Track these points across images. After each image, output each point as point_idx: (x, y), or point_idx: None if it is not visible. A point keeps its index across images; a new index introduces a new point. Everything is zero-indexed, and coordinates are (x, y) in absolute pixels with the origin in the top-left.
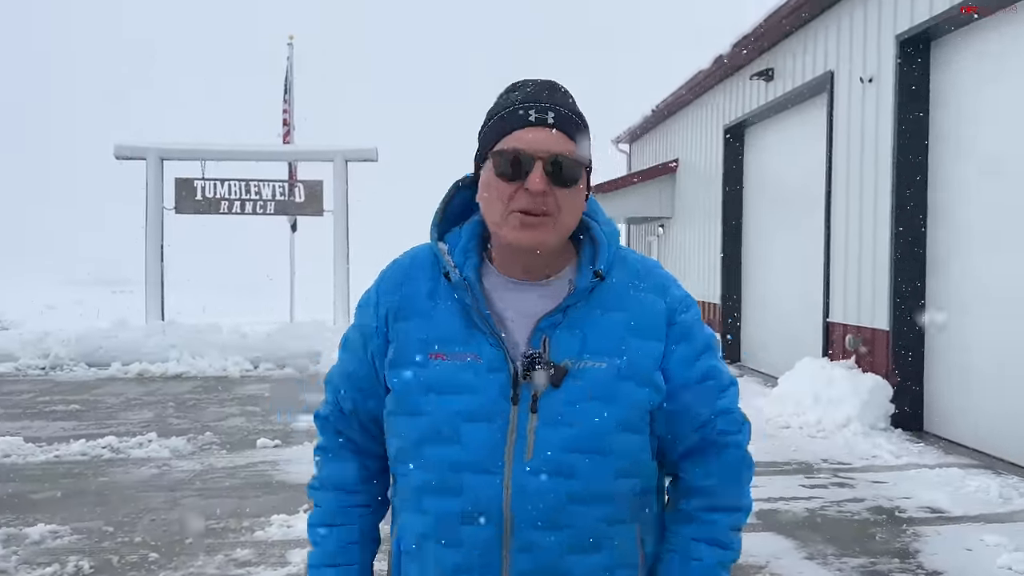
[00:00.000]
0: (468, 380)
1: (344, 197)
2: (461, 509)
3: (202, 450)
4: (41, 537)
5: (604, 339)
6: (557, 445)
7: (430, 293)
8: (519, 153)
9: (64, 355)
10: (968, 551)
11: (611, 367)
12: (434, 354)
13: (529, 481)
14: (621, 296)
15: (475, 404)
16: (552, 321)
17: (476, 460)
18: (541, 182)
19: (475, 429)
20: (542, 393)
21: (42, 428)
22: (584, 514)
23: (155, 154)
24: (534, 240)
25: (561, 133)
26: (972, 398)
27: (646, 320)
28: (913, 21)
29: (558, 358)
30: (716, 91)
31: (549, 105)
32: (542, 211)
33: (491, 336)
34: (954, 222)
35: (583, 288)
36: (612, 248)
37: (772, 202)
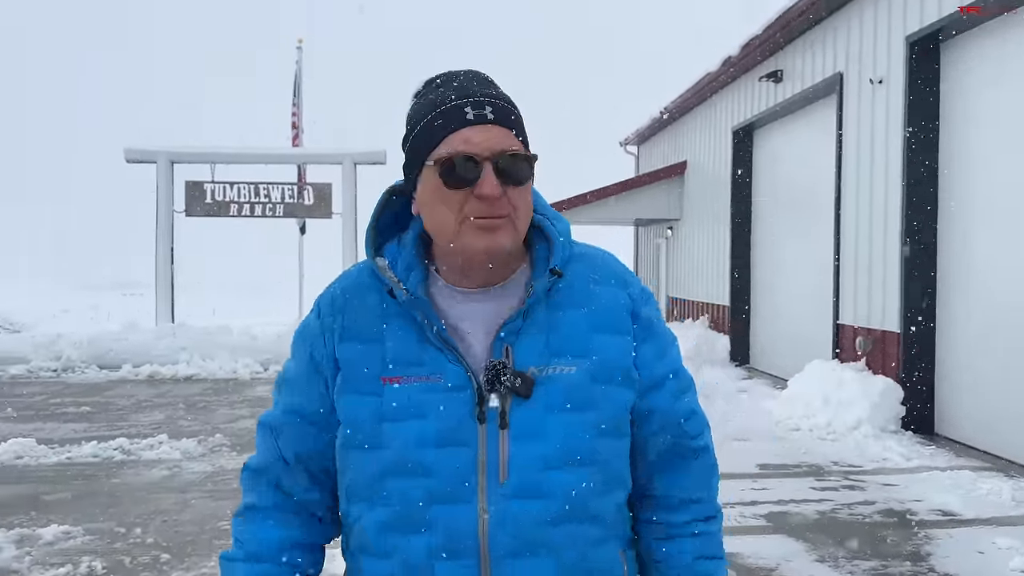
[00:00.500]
0: (429, 402)
1: (353, 200)
2: (431, 546)
3: (212, 452)
4: (54, 538)
5: (569, 340)
6: (531, 461)
7: (376, 314)
8: (465, 157)
9: (76, 357)
10: (980, 554)
11: (581, 370)
12: (388, 378)
13: (506, 506)
14: (581, 292)
15: (440, 428)
16: (512, 327)
17: (447, 490)
18: (494, 185)
19: (443, 456)
20: (511, 406)
21: (54, 430)
22: (568, 537)
23: (165, 157)
24: (495, 244)
25: (503, 128)
26: (983, 400)
27: (610, 315)
28: (923, 22)
29: (523, 366)
30: (725, 92)
31: (484, 99)
32: (499, 214)
33: (449, 352)
34: (965, 223)
35: (542, 288)
36: (566, 244)
37: (781, 203)
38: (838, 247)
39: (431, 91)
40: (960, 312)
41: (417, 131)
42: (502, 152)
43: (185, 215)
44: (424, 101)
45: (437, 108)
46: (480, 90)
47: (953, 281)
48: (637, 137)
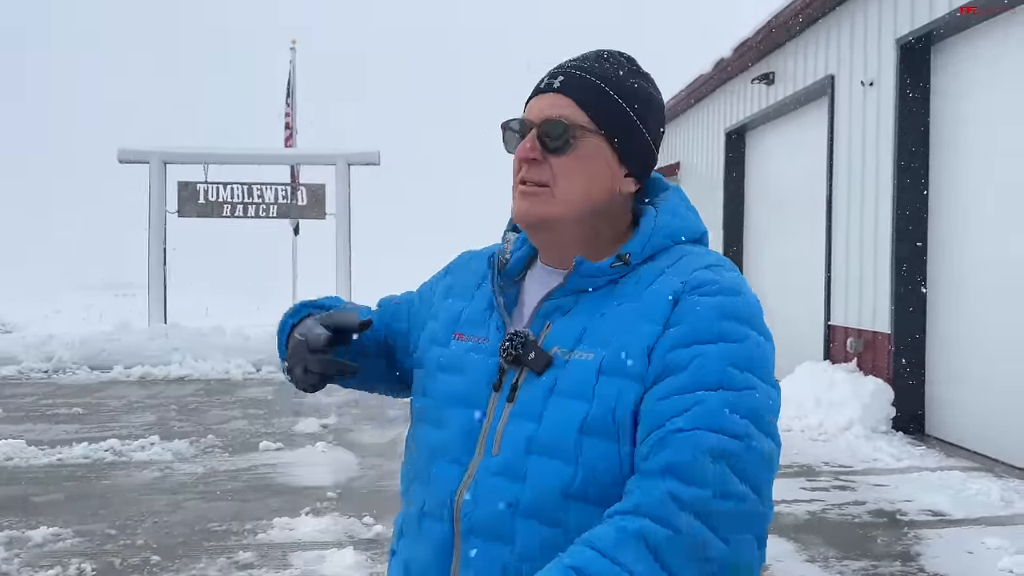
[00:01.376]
0: (469, 361)
1: (346, 200)
2: (425, 499)
3: (204, 453)
4: (44, 540)
5: (607, 329)
6: (518, 441)
7: (478, 278)
8: (513, 122)
9: (67, 358)
10: (970, 554)
11: (597, 358)
12: (456, 334)
13: (487, 482)
14: (646, 284)
15: (466, 387)
16: (559, 304)
17: (451, 448)
18: (527, 149)
19: (459, 414)
20: (523, 381)
21: (45, 431)
22: (528, 533)
23: (158, 158)
24: (526, 211)
25: (562, 96)
26: (973, 401)
27: (649, 305)
28: (913, 25)
29: (550, 346)
30: (717, 94)
31: (567, 69)
32: (534, 180)
33: (500, 319)
34: (955, 225)
35: (590, 270)
36: (659, 236)
37: (773, 205)
38: (829, 248)
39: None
40: (951, 314)
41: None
42: (545, 119)
43: (178, 215)
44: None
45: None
46: (574, 62)
47: (944, 283)
48: None
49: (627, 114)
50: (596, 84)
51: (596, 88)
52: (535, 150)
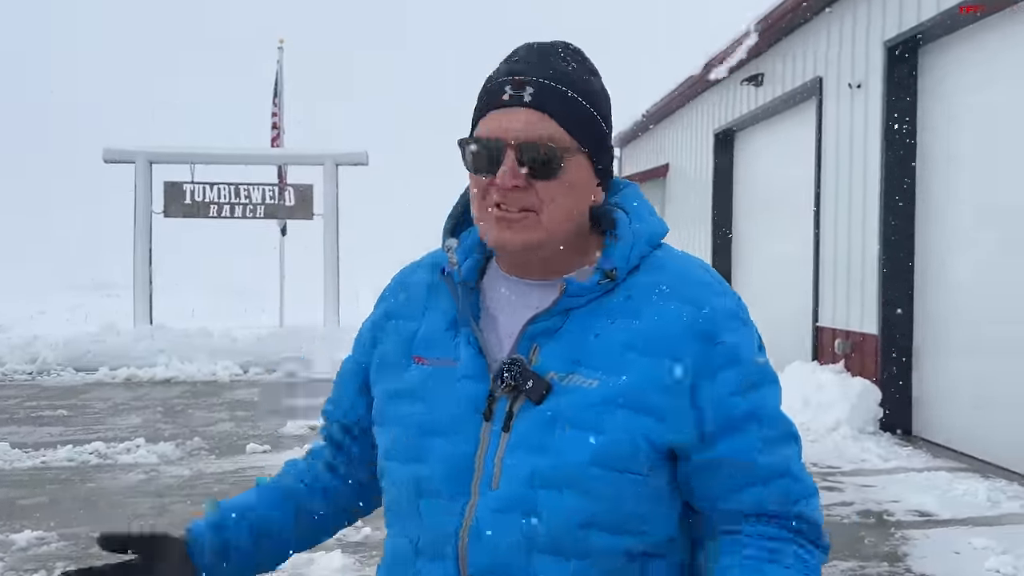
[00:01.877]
0: (438, 388)
1: (334, 201)
2: (418, 540)
3: (191, 455)
4: (28, 543)
5: (603, 352)
6: (524, 476)
7: (425, 293)
8: (484, 141)
9: (52, 360)
10: (956, 554)
11: (604, 386)
12: (417, 357)
13: (491, 519)
14: (640, 303)
15: (443, 416)
16: (547, 326)
17: (439, 483)
18: (511, 176)
19: (439, 445)
20: (519, 409)
21: (29, 434)
22: (547, 569)
23: (144, 158)
24: (514, 239)
25: (540, 112)
26: (959, 402)
27: (660, 334)
28: (901, 27)
29: (545, 370)
30: (706, 96)
31: (530, 78)
32: (521, 208)
33: (476, 342)
34: (942, 227)
35: (580, 288)
36: (639, 246)
37: (762, 206)
38: (817, 250)
39: (500, 64)
40: (937, 315)
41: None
42: (527, 141)
43: (164, 216)
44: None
45: (486, 84)
46: (534, 68)
47: (930, 284)
48: (620, 139)
49: (598, 123)
50: (569, 96)
51: (571, 101)
52: (519, 176)
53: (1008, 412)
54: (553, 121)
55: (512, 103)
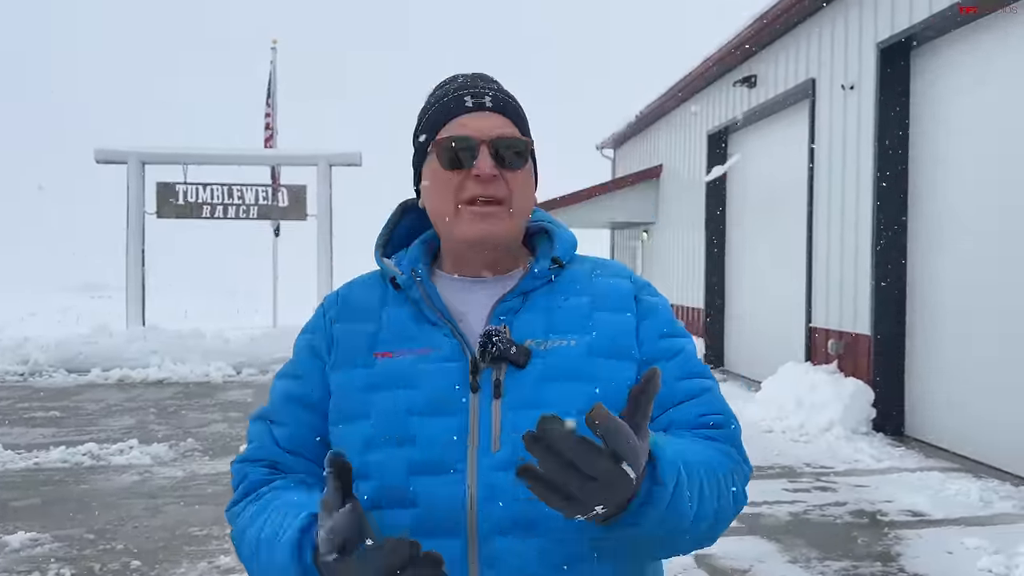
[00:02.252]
0: (420, 372)
1: (328, 201)
2: (415, 521)
3: (184, 457)
4: (21, 545)
5: (570, 318)
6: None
7: (378, 302)
8: (462, 139)
9: (43, 361)
10: (949, 554)
11: (581, 343)
12: (380, 353)
13: (498, 478)
14: (584, 282)
15: (428, 397)
16: (510, 306)
17: (434, 460)
18: (490, 165)
19: (431, 424)
20: (505, 375)
21: (21, 435)
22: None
23: (136, 158)
24: (491, 231)
25: (501, 116)
26: (952, 402)
27: (613, 297)
28: (893, 29)
29: (521, 340)
30: (700, 97)
31: (485, 91)
32: (495, 197)
33: (444, 326)
34: (934, 228)
35: (541, 271)
36: (569, 246)
37: (755, 207)
38: (810, 251)
39: (439, 88)
40: (930, 316)
41: (423, 122)
42: (499, 136)
43: (156, 216)
44: (431, 97)
45: (440, 100)
46: (483, 85)
47: (923, 285)
48: (613, 140)
49: (529, 129)
50: (516, 104)
51: (518, 108)
52: (495, 167)
53: (1000, 412)
54: (511, 123)
55: (475, 109)
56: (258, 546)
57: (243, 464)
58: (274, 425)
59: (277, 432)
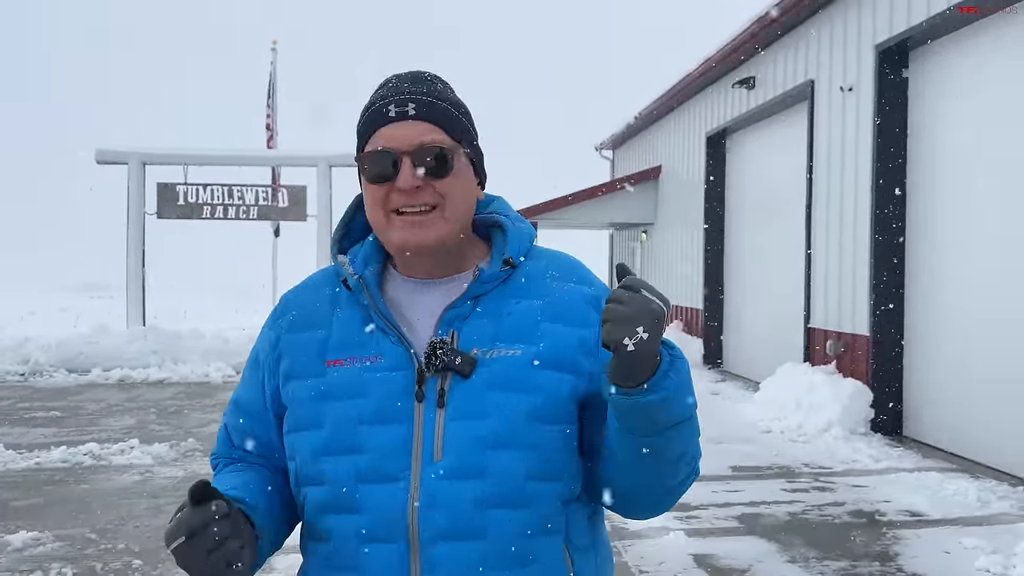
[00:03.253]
0: (368, 382)
1: (328, 202)
2: (360, 528)
3: (185, 457)
4: (23, 544)
5: (519, 327)
6: (467, 441)
7: (328, 305)
8: (382, 153)
9: (44, 361)
10: (947, 554)
11: (527, 354)
12: (332, 361)
13: (439, 486)
14: (537, 285)
15: (376, 406)
16: (459, 312)
17: (379, 468)
18: (411, 178)
19: (377, 433)
20: (450, 386)
21: (22, 435)
22: (499, 521)
23: (137, 158)
24: (422, 238)
25: (425, 122)
26: (949, 403)
27: (567, 306)
28: (892, 31)
29: (468, 348)
30: (698, 98)
31: (409, 97)
32: (424, 205)
33: (391, 333)
34: (933, 229)
35: (491, 275)
36: (524, 241)
37: (754, 208)
38: (809, 251)
39: (373, 94)
40: (928, 317)
41: (357, 132)
42: (420, 146)
43: (157, 217)
44: (365, 104)
45: (367, 109)
46: (410, 89)
47: (921, 286)
48: (612, 141)
49: (469, 127)
50: (445, 107)
51: (447, 111)
52: (417, 178)
53: (998, 414)
54: (437, 128)
55: (398, 118)
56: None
57: (214, 461)
58: (230, 428)
59: (232, 434)
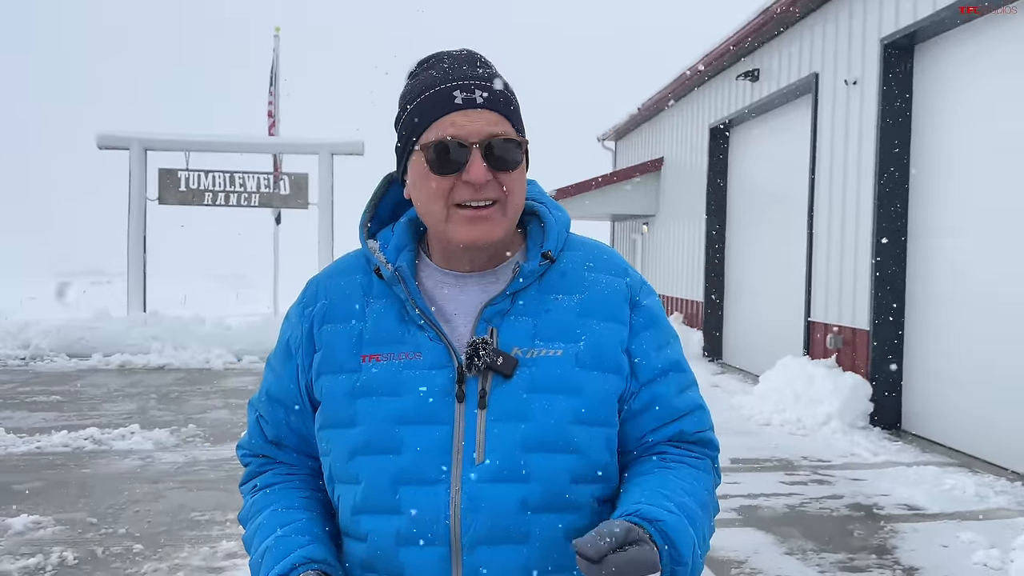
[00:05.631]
0: (406, 380)
1: (330, 190)
2: (399, 530)
3: (186, 442)
4: (24, 528)
5: (558, 324)
6: (510, 443)
7: (361, 294)
8: (452, 142)
9: (45, 346)
10: (944, 547)
11: (569, 354)
12: (367, 356)
13: (481, 489)
14: (575, 278)
15: (415, 405)
16: (498, 309)
17: (418, 469)
18: (483, 172)
19: (416, 433)
20: (491, 386)
21: (24, 419)
22: (543, 526)
23: (139, 144)
24: (486, 234)
25: (492, 112)
26: (949, 398)
27: (605, 301)
28: (898, 25)
29: (508, 348)
30: (702, 90)
31: (474, 83)
32: (490, 200)
33: (430, 330)
34: (935, 223)
35: (530, 271)
36: (562, 231)
37: (756, 201)
38: (810, 245)
39: (422, 72)
40: (929, 311)
41: (406, 115)
42: (491, 136)
43: (158, 203)
44: (415, 83)
45: (426, 92)
46: (471, 72)
47: (922, 280)
48: (615, 133)
49: (521, 118)
50: (508, 96)
51: (510, 101)
52: (488, 171)
53: (997, 409)
54: (503, 119)
55: (465, 106)
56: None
57: (243, 453)
58: (261, 419)
59: (264, 426)
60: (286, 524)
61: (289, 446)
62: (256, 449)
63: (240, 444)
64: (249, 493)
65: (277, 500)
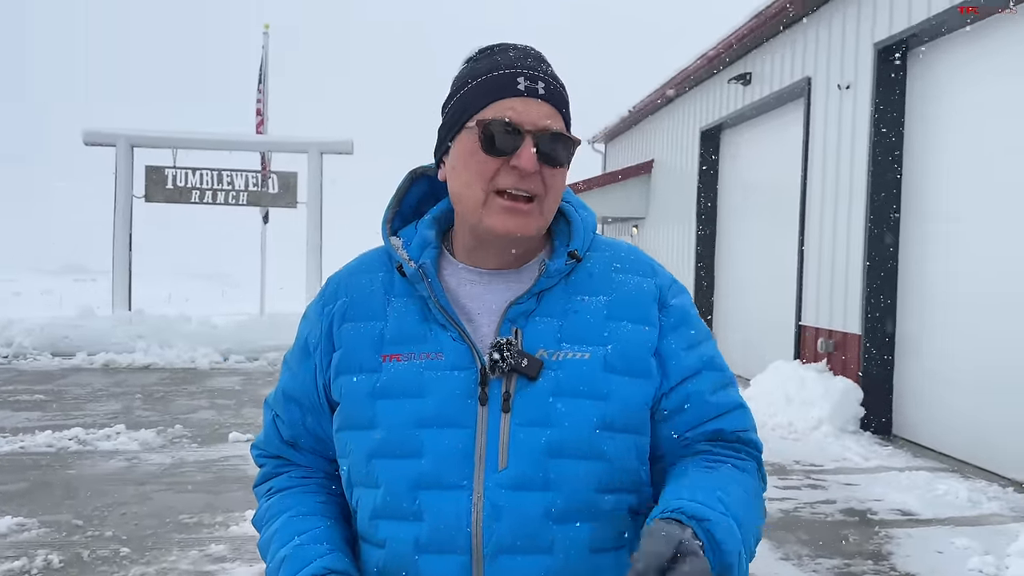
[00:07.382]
0: (428, 381)
1: (318, 190)
2: (418, 537)
3: (172, 443)
4: (8, 530)
5: (585, 326)
6: (535, 449)
7: (383, 292)
8: (511, 124)
9: (28, 344)
10: (939, 553)
11: (596, 357)
12: (387, 355)
13: (504, 497)
14: (602, 279)
15: (437, 408)
16: (523, 309)
17: (439, 474)
18: (533, 160)
19: (437, 437)
20: (515, 389)
21: (6, 418)
22: (567, 535)
23: (125, 141)
24: (520, 227)
25: (550, 105)
26: (942, 399)
27: (633, 302)
28: (891, 30)
29: (533, 349)
30: (694, 93)
31: (538, 74)
32: (529, 192)
33: (453, 330)
34: (927, 228)
35: (556, 270)
36: (589, 231)
37: (747, 205)
38: (802, 249)
39: (485, 57)
40: (920, 316)
41: (464, 92)
42: (546, 129)
43: (145, 200)
44: (477, 65)
45: (489, 73)
46: (535, 65)
47: (913, 285)
48: (605, 135)
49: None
50: (566, 96)
51: (567, 100)
52: (537, 162)
53: (988, 414)
54: (559, 114)
55: (527, 94)
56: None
57: (258, 453)
58: (277, 419)
59: (280, 426)
60: (304, 532)
61: (305, 448)
62: (272, 450)
63: (255, 444)
64: (264, 496)
65: (293, 505)
